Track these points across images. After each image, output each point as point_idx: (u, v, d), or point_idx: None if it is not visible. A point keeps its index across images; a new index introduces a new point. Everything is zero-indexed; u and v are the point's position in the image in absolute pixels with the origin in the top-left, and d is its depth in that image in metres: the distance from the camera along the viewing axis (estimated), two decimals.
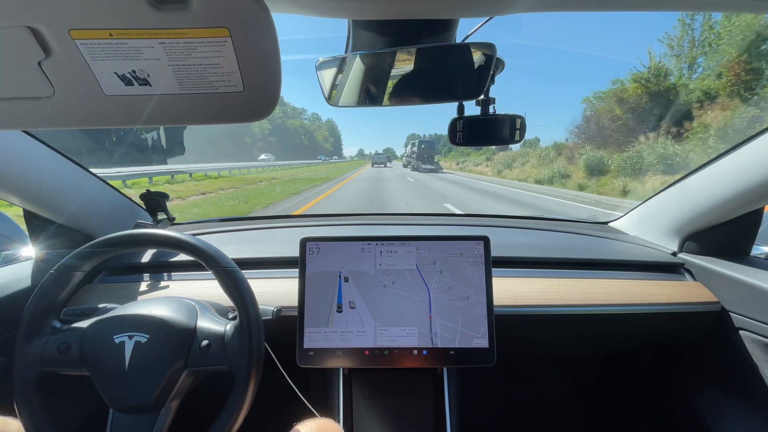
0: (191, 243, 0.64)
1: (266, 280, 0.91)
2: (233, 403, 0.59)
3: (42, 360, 0.60)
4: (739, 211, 0.87)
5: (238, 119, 0.37)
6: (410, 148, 31.50)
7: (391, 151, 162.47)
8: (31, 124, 0.37)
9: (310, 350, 0.76)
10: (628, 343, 1.05)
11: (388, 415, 0.84)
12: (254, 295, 0.64)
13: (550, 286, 0.92)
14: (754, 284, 0.81)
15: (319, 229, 1.24)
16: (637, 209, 1.20)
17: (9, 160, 0.76)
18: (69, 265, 0.64)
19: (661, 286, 0.93)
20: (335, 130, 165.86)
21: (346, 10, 0.46)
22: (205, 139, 77.30)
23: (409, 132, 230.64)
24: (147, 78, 0.32)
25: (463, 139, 0.68)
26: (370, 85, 0.67)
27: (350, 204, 8.43)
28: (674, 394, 1.05)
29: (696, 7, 0.47)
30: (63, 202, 0.89)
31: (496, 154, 24.44)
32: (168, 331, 0.62)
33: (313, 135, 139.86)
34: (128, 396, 0.59)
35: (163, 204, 1.11)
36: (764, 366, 0.81)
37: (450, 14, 0.50)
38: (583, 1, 0.45)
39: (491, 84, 0.62)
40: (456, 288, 0.78)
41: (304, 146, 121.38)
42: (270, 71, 0.33)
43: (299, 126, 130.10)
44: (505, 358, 0.82)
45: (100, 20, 0.28)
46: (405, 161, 33.67)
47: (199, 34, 0.30)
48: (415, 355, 0.76)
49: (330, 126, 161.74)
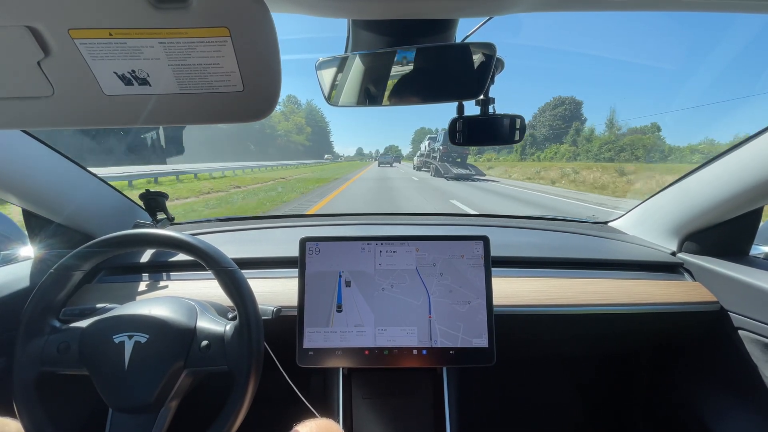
0: (191, 243, 0.64)
1: (266, 280, 0.91)
2: (233, 404, 0.59)
3: (41, 359, 0.60)
4: (738, 211, 0.87)
5: (238, 119, 0.37)
6: (429, 144, 23.23)
7: (396, 149, 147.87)
8: (30, 124, 0.37)
9: (309, 350, 0.76)
10: (627, 343, 1.05)
11: (388, 415, 0.84)
12: (254, 295, 0.64)
13: (550, 285, 0.92)
14: (753, 284, 0.81)
15: (318, 229, 1.24)
16: (637, 209, 1.21)
17: (8, 160, 0.76)
18: (68, 265, 0.64)
19: (661, 286, 0.93)
20: (317, 116, 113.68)
21: (345, 9, 0.46)
22: (194, 139, 70.95)
23: (416, 127, 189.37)
24: (147, 78, 0.32)
25: (463, 139, 0.68)
26: (370, 84, 0.67)
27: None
28: (673, 394, 1.05)
29: (696, 7, 0.47)
30: (62, 202, 0.88)
31: (535, 154, 21.54)
32: (168, 331, 0.61)
33: (275, 126, 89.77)
34: (128, 396, 0.59)
35: (163, 204, 1.10)
36: (763, 366, 0.81)
37: (450, 14, 0.50)
38: (583, 2, 0.45)
39: (491, 84, 0.62)
40: (457, 291, 0.78)
41: (251, 144, 78.81)
42: (270, 71, 0.33)
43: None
44: (505, 357, 0.82)
45: (99, 20, 0.28)
46: (418, 162, 24.94)
47: (198, 34, 0.30)
48: (414, 355, 0.76)
49: (311, 112, 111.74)
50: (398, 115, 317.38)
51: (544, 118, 55.03)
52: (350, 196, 9.69)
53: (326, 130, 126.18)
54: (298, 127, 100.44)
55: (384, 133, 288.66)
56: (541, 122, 55.36)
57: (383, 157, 39.55)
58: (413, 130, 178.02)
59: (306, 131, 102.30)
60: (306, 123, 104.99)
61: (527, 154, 39.72)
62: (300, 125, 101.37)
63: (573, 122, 46.67)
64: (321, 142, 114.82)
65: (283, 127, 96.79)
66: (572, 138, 41.18)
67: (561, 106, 54.11)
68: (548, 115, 54.41)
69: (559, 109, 53.69)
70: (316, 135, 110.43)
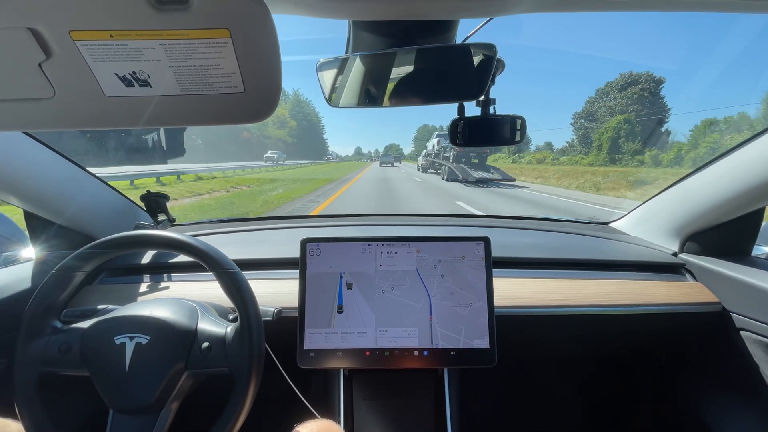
0: (192, 244, 0.64)
1: (267, 281, 0.91)
2: (233, 405, 0.59)
3: (43, 360, 0.60)
4: (740, 212, 0.87)
5: (239, 120, 0.37)
6: (438, 142, 18.82)
7: (397, 147, 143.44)
8: (31, 126, 0.37)
9: (310, 351, 0.76)
10: (628, 344, 1.05)
11: (389, 416, 0.84)
12: (255, 296, 0.64)
13: (551, 286, 0.92)
14: (755, 284, 0.81)
15: (319, 230, 1.24)
16: (638, 209, 1.20)
17: (9, 162, 0.76)
18: (69, 266, 0.64)
19: (662, 287, 0.93)
20: (307, 110, 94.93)
21: (346, 10, 0.46)
22: (191, 139, 65.63)
23: (418, 124, 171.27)
24: (147, 79, 0.32)
25: (464, 139, 0.68)
26: (371, 85, 0.67)
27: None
28: (675, 395, 1.04)
29: (696, 7, 0.47)
30: (63, 204, 0.89)
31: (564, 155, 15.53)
32: (169, 332, 0.61)
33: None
34: (128, 397, 0.59)
35: (164, 205, 1.11)
36: (765, 366, 0.81)
37: (450, 15, 0.50)
38: (583, 2, 0.44)
39: (492, 85, 0.62)
40: (458, 294, 0.77)
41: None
42: (270, 72, 0.33)
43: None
44: (506, 358, 0.82)
45: (100, 21, 0.28)
46: (424, 163, 21.12)
47: (199, 35, 0.30)
48: (415, 356, 0.76)
49: (298, 104, 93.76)
50: (399, 113, 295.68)
51: (609, 102, 37.67)
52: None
53: (318, 126, 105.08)
54: (279, 119, 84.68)
55: (384, 131, 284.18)
56: (602, 111, 38.05)
57: (385, 157, 42.26)
58: (415, 127, 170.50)
59: (289, 125, 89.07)
60: (290, 116, 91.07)
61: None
62: (282, 118, 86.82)
63: (653, 107, 33.52)
64: (310, 139, 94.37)
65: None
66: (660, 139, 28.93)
67: (634, 86, 36.13)
68: (615, 98, 37.17)
69: (630, 90, 36.20)
70: (304, 131, 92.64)
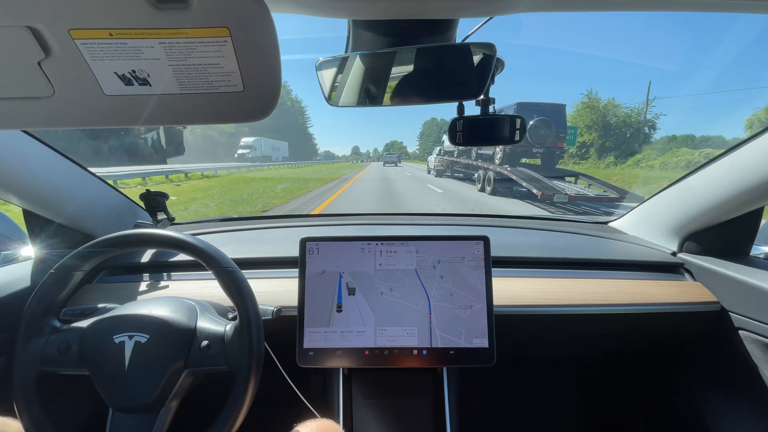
0: (191, 243, 0.64)
1: (266, 280, 0.91)
2: (233, 404, 0.59)
3: (42, 359, 0.60)
4: (739, 211, 0.87)
5: (238, 119, 0.37)
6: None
7: (399, 145, 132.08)
8: (30, 124, 0.37)
9: (310, 350, 0.76)
10: (627, 343, 1.05)
11: (388, 415, 0.84)
12: (254, 295, 0.64)
13: (550, 286, 0.92)
14: (753, 284, 0.81)
15: (318, 229, 1.24)
16: (637, 209, 1.20)
17: (9, 160, 0.76)
18: (69, 265, 0.64)
19: (661, 286, 0.93)
20: (289, 101, 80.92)
21: (346, 10, 0.46)
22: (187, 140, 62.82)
23: (424, 118, 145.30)
24: (147, 78, 0.32)
25: (464, 139, 0.68)
26: (370, 85, 0.67)
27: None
28: (674, 394, 1.05)
29: (696, 7, 0.47)
30: (62, 202, 0.89)
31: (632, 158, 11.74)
32: (168, 331, 0.62)
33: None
34: (128, 396, 0.59)
35: (163, 204, 1.11)
36: (764, 366, 0.81)
37: (450, 14, 0.50)
38: (583, 2, 0.45)
39: (491, 84, 0.62)
40: (458, 295, 0.77)
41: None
42: (270, 71, 0.33)
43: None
44: (505, 358, 0.82)
45: (100, 20, 0.28)
46: (438, 163, 16.83)
47: (199, 34, 0.30)
48: (415, 355, 0.76)
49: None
50: (401, 107, 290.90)
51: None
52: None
53: (301, 119, 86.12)
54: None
55: (383, 129, 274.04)
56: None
57: (388, 157, 41.91)
58: (420, 123, 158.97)
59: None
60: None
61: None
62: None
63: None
64: (290, 135, 73.58)
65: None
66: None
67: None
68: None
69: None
70: (283, 124, 77.10)
